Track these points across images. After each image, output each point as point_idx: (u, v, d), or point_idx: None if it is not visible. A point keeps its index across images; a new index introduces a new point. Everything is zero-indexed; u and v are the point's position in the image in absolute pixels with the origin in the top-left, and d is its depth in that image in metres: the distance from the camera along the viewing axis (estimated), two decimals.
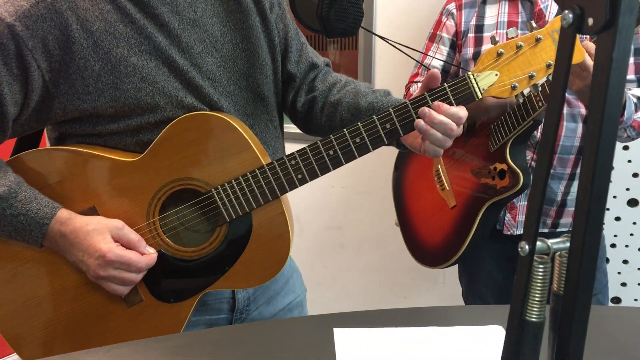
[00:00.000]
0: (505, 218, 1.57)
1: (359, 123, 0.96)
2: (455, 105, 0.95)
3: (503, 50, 0.94)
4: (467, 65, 1.57)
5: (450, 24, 1.61)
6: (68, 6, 0.92)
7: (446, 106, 0.94)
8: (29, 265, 1.00)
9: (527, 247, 0.45)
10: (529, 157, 1.49)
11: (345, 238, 2.57)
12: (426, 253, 1.69)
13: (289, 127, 1.23)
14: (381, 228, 2.46)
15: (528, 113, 1.38)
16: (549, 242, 0.46)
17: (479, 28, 1.56)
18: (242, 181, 0.98)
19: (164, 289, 1.02)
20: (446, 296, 2.45)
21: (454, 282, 1.90)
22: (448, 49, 1.63)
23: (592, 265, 0.42)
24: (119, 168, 0.98)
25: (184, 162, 0.98)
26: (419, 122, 0.95)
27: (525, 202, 1.55)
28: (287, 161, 0.98)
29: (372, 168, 2.35)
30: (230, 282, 1.02)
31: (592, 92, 0.40)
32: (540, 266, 0.46)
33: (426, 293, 2.50)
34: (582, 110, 1.47)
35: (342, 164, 0.98)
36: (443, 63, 1.62)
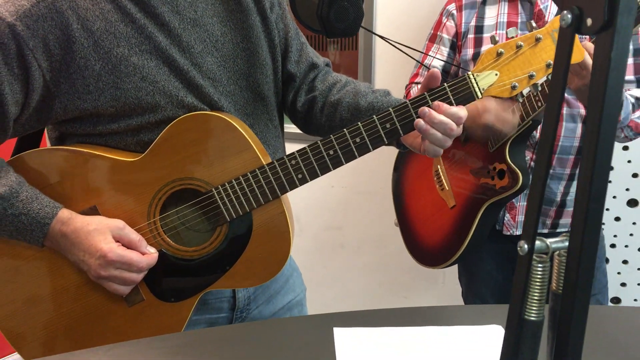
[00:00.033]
0: (505, 218, 1.57)
1: (359, 123, 0.96)
2: (455, 105, 0.95)
3: (503, 50, 0.94)
4: (467, 66, 1.57)
5: (451, 24, 1.61)
6: (69, 5, 0.92)
7: (446, 106, 0.94)
8: (30, 265, 1.00)
9: (526, 247, 0.45)
10: (528, 157, 1.49)
11: (345, 238, 2.57)
12: (426, 253, 1.69)
13: (289, 127, 1.24)
14: (381, 228, 2.46)
15: (527, 113, 1.39)
16: (548, 241, 0.46)
17: (479, 29, 1.56)
18: (242, 181, 0.98)
19: (165, 289, 1.02)
20: (446, 296, 2.45)
21: (454, 282, 1.90)
22: (448, 49, 1.63)
23: (590, 264, 0.42)
24: (119, 168, 0.98)
25: (184, 162, 0.98)
26: (418, 121, 0.95)
27: (525, 203, 1.55)
28: (287, 161, 0.98)
29: (372, 168, 2.35)
30: (231, 282, 1.02)
31: (590, 92, 0.40)
32: (539, 265, 0.46)
33: (426, 293, 2.50)
34: (582, 110, 1.47)
35: (342, 164, 0.98)
36: (443, 64, 1.62)
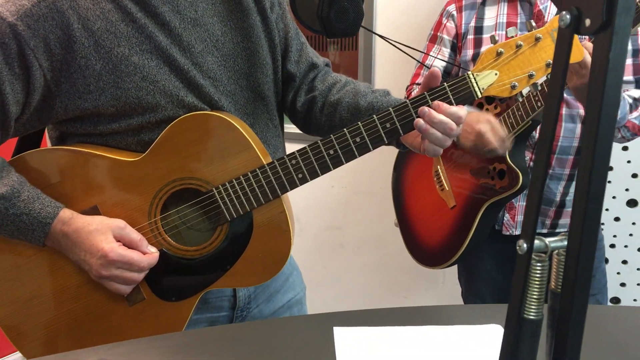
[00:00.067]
0: (504, 218, 1.57)
1: (359, 122, 0.97)
2: (455, 104, 0.95)
3: (503, 50, 0.94)
4: (467, 67, 1.57)
5: (451, 25, 1.61)
6: (69, 5, 0.92)
7: (446, 105, 0.94)
8: (31, 264, 1.01)
9: (525, 246, 0.45)
10: (528, 157, 1.50)
11: (345, 238, 2.57)
12: (426, 253, 1.69)
13: (289, 127, 1.24)
14: (381, 228, 2.46)
15: (527, 113, 1.39)
16: (547, 240, 0.46)
17: (478, 30, 1.56)
18: (242, 180, 0.98)
19: (166, 288, 1.02)
20: (446, 296, 2.45)
21: (454, 282, 1.90)
22: (449, 50, 1.63)
23: (589, 263, 0.42)
24: (120, 168, 0.99)
25: (185, 161, 0.98)
26: (418, 121, 0.95)
27: (524, 203, 1.55)
28: (287, 160, 0.98)
29: (372, 168, 2.35)
30: (231, 281, 1.02)
31: (589, 92, 0.40)
32: (538, 264, 0.46)
33: (426, 293, 2.50)
34: (581, 111, 1.48)
35: (342, 163, 0.99)
36: (444, 64, 1.62)
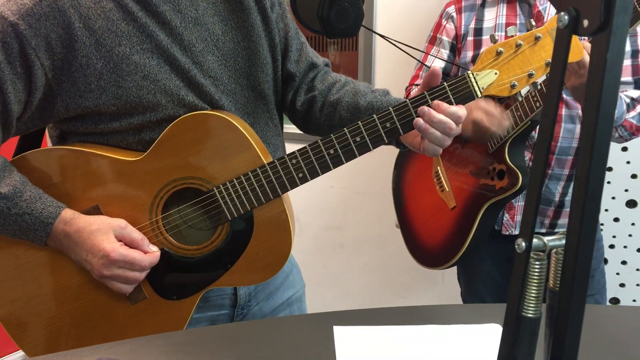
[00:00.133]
0: (504, 218, 1.58)
1: (359, 122, 0.97)
2: (454, 104, 0.95)
3: (502, 49, 0.94)
4: (466, 68, 1.57)
5: (450, 27, 1.62)
6: (71, 4, 0.92)
7: (445, 105, 0.94)
8: (33, 263, 1.01)
9: (523, 244, 0.45)
10: (527, 157, 1.50)
11: (345, 238, 2.57)
12: (426, 254, 1.69)
13: (288, 127, 1.24)
14: (381, 228, 2.46)
15: (526, 114, 1.39)
16: (546, 239, 0.46)
17: (478, 31, 1.56)
18: (243, 180, 0.99)
19: (167, 287, 1.02)
20: (445, 296, 2.45)
21: (453, 282, 1.91)
22: (448, 52, 1.63)
23: (587, 262, 0.42)
24: (121, 167, 0.99)
25: (185, 161, 0.98)
26: (418, 120, 0.95)
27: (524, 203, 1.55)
28: (288, 160, 0.98)
29: (372, 168, 2.35)
30: (232, 279, 1.03)
31: (587, 92, 0.40)
32: (537, 263, 0.46)
33: (425, 293, 2.50)
34: (580, 111, 1.48)
35: (342, 163, 0.99)
36: (444, 65, 1.63)
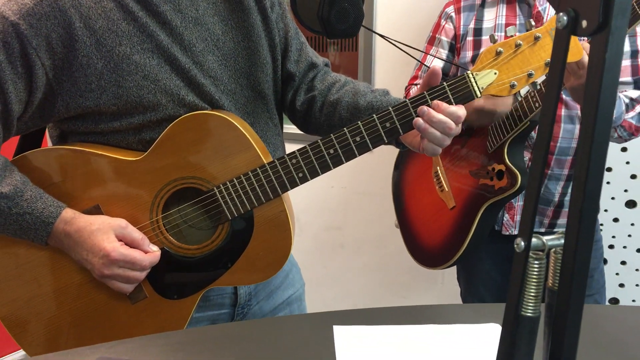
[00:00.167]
0: (504, 218, 1.58)
1: (359, 122, 0.97)
2: (454, 104, 0.96)
3: (502, 49, 0.94)
4: (466, 68, 1.57)
5: (449, 27, 1.62)
6: (71, 4, 0.92)
7: (445, 105, 0.95)
8: (34, 263, 1.01)
9: (522, 244, 0.45)
10: (526, 157, 1.50)
11: (345, 238, 2.58)
12: (426, 254, 1.69)
13: (288, 127, 1.24)
14: (381, 228, 2.46)
15: (525, 114, 1.39)
16: (544, 238, 0.46)
17: (478, 31, 1.57)
18: (243, 180, 0.99)
19: (168, 286, 1.03)
20: (445, 296, 2.45)
21: (453, 283, 1.91)
22: (447, 52, 1.63)
23: (585, 261, 0.43)
24: (122, 167, 0.99)
25: (186, 160, 0.98)
26: (417, 120, 0.95)
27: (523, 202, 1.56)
28: (288, 160, 0.98)
29: (372, 168, 2.35)
30: (232, 279, 1.03)
31: (586, 92, 0.40)
32: (536, 262, 0.46)
33: (425, 293, 2.51)
34: (580, 112, 1.48)
35: (342, 163, 0.99)
36: (443, 65, 1.63)
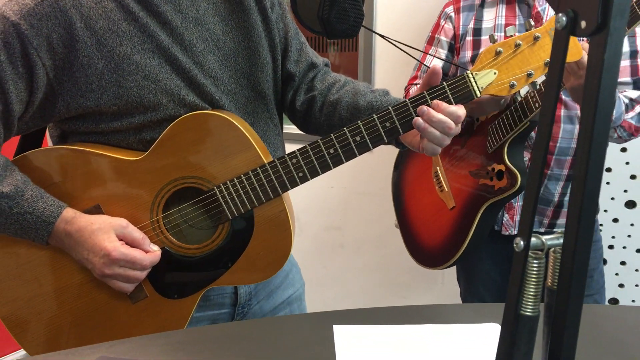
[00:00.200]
0: (504, 218, 1.58)
1: (359, 122, 0.97)
2: (454, 103, 0.96)
3: (502, 49, 0.95)
4: (465, 68, 1.57)
5: (449, 27, 1.62)
6: (72, 4, 0.92)
7: (445, 105, 0.95)
8: (35, 263, 1.01)
9: (522, 243, 0.45)
10: (526, 158, 1.50)
11: (345, 238, 2.58)
12: (426, 254, 1.70)
13: (288, 127, 1.24)
14: (381, 228, 2.46)
15: (525, 114, 1.40)
16: (544, 238, 0.47)
17: (477, 31, 1.57)
18: (243, 179, 0.99)
19: (168, 286, 1.03)
20: (445, 296, 2.45)
21: (453, 283, 1.91)
22: (447, 52, 1.64)
23: (584, 261, 0.43)
24: (122, 167, 0.99)
25: (186, 160, 0.99)
26: (417, 120, 0.95)
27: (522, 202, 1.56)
28: (288, 159, 0.99)
29: (372, 168, 2.36)
30: (233, 278, 1.03)
31: (585, 93, 0.41)
32: (535, 262, 0.46)
33: (425, 293, 2.51)
34: (579, 112, 1.48)
35: (342, 162, 0.99)
36: (442, 64, 1.63)
